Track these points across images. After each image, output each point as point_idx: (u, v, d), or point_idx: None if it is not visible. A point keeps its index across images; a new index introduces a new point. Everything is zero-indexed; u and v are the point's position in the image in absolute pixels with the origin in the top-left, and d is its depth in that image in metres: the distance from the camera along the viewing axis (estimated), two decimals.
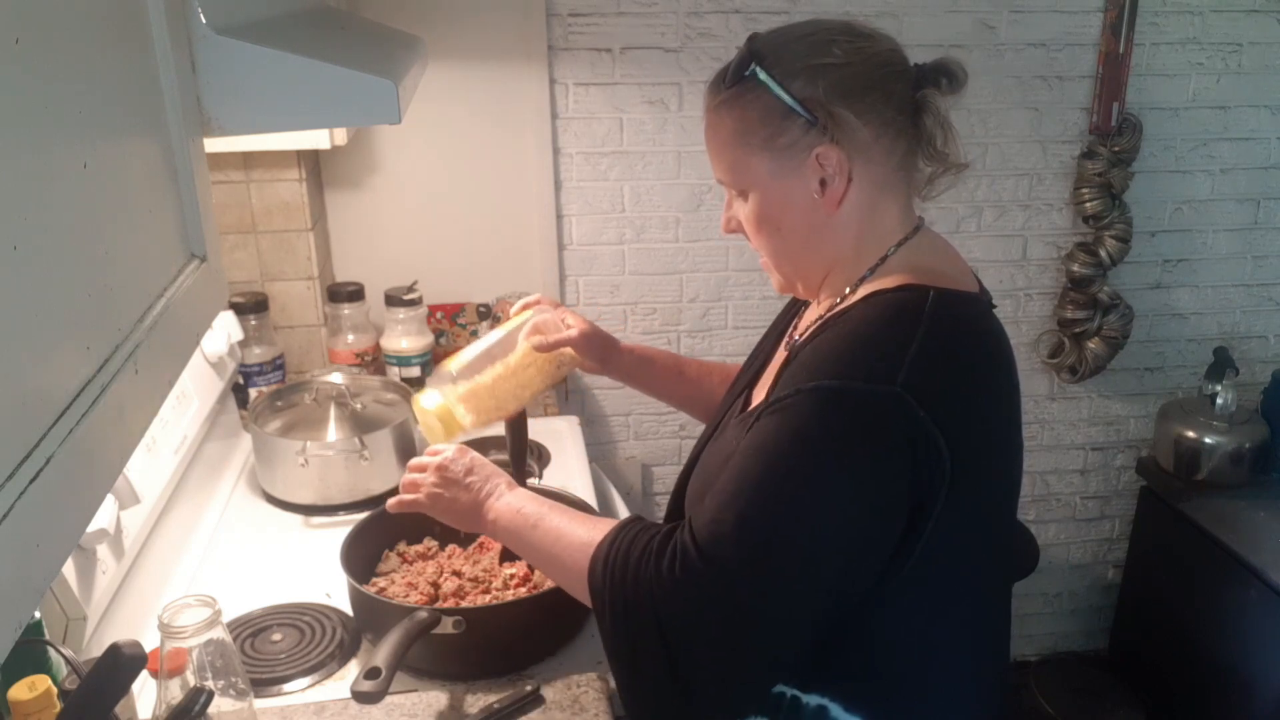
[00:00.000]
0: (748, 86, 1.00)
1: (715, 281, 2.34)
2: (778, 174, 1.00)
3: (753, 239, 1.07)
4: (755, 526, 0.91)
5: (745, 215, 1.05)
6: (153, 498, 1.39)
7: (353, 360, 2.04)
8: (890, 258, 1.03)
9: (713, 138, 1.05)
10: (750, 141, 1.00)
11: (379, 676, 1.08)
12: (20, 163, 0.50)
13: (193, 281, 0.77)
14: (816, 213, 1.01)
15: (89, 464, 0.56)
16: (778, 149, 0.99)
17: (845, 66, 0.99)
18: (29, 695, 0.93)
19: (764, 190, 1.02)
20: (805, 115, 0.98)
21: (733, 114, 1.01)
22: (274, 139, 1.72)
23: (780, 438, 0.92)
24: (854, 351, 0.94)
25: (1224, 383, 2.38)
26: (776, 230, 1.04)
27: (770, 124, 0.99)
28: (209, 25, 0.80)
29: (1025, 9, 2.22)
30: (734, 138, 1.02)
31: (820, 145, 0.98)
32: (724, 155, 1.03)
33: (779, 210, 1.02)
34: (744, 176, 1.03)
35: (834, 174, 0.98)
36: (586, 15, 2.12)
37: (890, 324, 0.95)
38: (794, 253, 1.05)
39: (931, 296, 0.96)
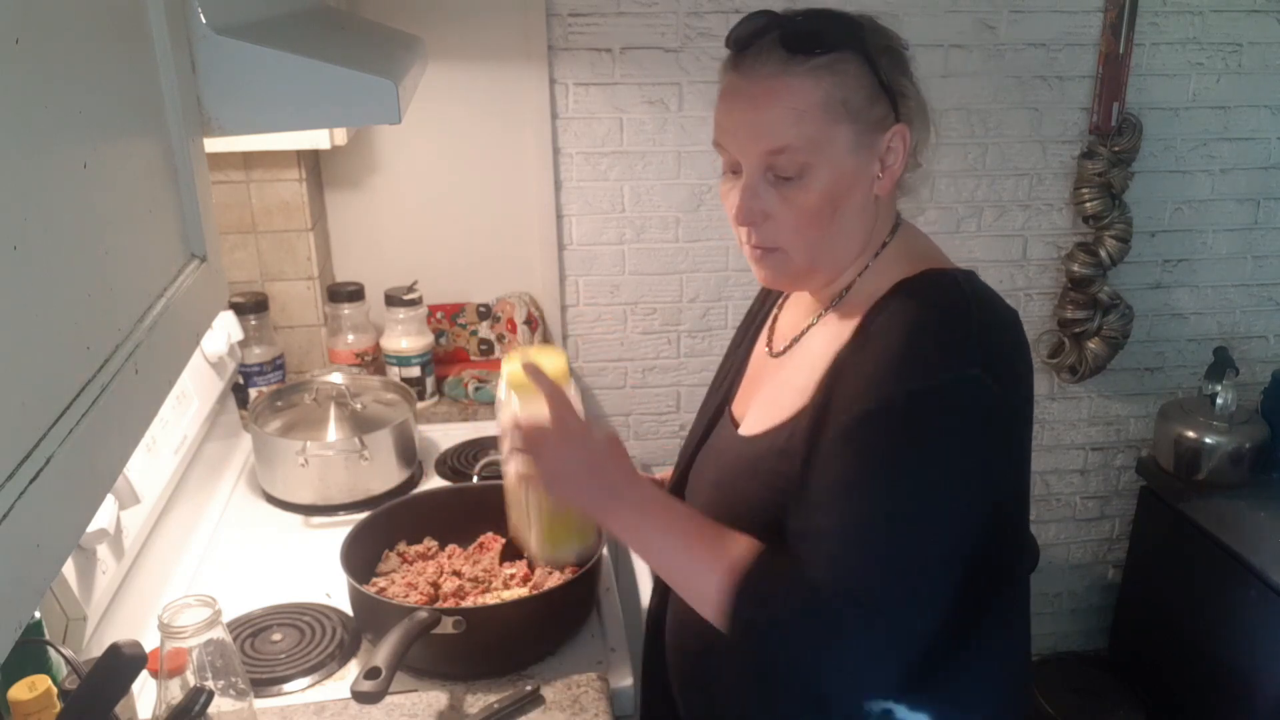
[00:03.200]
0: (843, 56, 0.96)
1: (715, 281, 2.34)
2: (855, 149, 0.97)
3: (795, 226, 0.99)
4: (906, 558, 0.90)
5: (800, 198, 0.97)
6: (153, 498, 1.39)
7: (353, 360, 2.04)
8: (888, 245, 1.04)
9: (789, 105, 0.95)
10: (841, 111, 0.95)
11: (379, 676, 1.08)
12: (20, 163, 0.50)
13: (193, 281, 0.77)
14: (868, 195, 1.00)
15: (89, 464, 0.56)
16: (865, 122, 0.97)
17: (899, 48, 1.01)
18: (29, 695, 0.93)
19: (836, 166, 0.96)
20: (889, 91, 0.97)
21: (827, 80, 0.95)
22: (274, 139, 1.72)
23: (893, 456, 0.91)
24: (924, 345, 0.92)
25: (1224, 383, 2.38)
26: (834, 213, 0.98)
27: (862, 94, 0.96)
28: (209, 25, 0.80)
29: (1025, 9, 2.22)
30: (823, 105, 0.95)
31: (897, 125, 0.98)
32: (802, 124, 0.95)
33: (846, 189, 0.98)
34: (819, 149, 0.96)
35: (897, 156, 0.99)
36: (586, 15, 2.12)
37: (943, 310, 0.94)
38: (835, 239, 1.01)
39: (960, 276, 0.98)
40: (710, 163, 2.24)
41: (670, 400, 2.44)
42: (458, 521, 1.48)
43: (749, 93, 0.97)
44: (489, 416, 2.03)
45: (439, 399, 2.11)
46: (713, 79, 2.40)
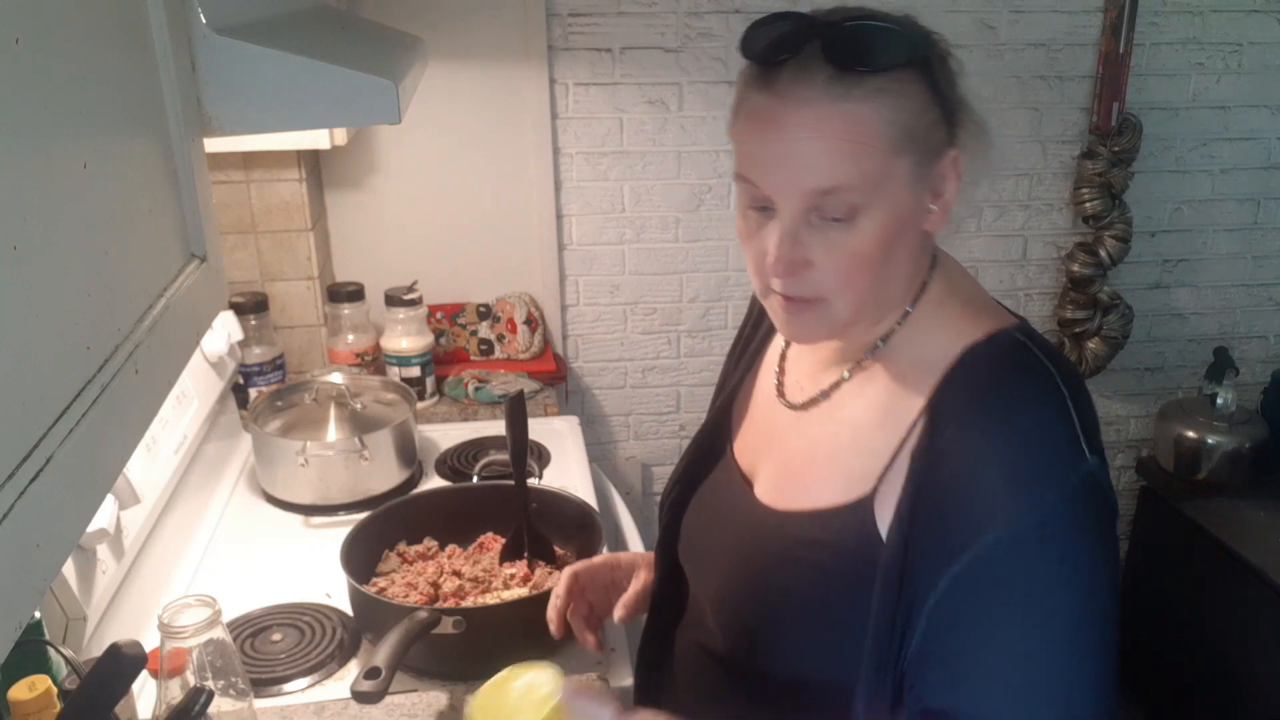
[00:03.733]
0: (903, 74, 0.81)
1: (715, 281, 2.34)
2: (914, 182, 0.82)
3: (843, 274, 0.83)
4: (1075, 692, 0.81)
5: (851, 243, 0.81)
6: (153, 498, 1.39)
7: (353, 360, 2.04)
8: (929, 284, 0.90)
9: (844, 137, 0.79)
10: (903, 141, 0.80)
11: (379, 676, 1.08)
12: (20, 163, 0.50)
13: (193, 281, 0.77)
14: (920, 232, 0.86)
15: (89, 464, 0.56)
16: (925, 150, 0.82)
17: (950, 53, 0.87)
18: (29, 695, 0.93)
19: (894, 204, 0.81)
20: (948, 110, 0.84)
21: (888, 104, 0.79)
22: (274, 139, 1.72)
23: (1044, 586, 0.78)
24: (1036, 449, 0.79)
25: (1224, 383, 2.38)
26: (886, 258, 0.83)
27: (924, 119, 0.81)
28: (209, 25, 0.80)
29: (1025, 9, 2.22)
30: (885, 135, 0.79)
31: (952, 149, 0.84)
32: (860, 160, 0.79)
33: (901, 229, 0.83)
34: (877, 188, 0.80)
35: (951, 185, 0.85)
36: (586, 15, 2.12)
37: (1038, 396, 0.81)
38: (882, 286, 0.85)
39: (1030, 343, 0.85)
40: (710, 163, 2.25)
41: (670, 400, 2.44)
42: (458, 521, 1.48)
43: (789, 121, 0.80)
44: (489, 416, 2.03)
45: (439, 399, 2.11)
46: (713, 79, 2.41)
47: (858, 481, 0.86)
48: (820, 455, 0.92)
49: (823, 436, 0.92)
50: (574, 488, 1.63)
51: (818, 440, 0.93)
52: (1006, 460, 0.78)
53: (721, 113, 2.21)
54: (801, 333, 0.89)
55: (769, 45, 0.81)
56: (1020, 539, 0.77)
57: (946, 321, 0.88)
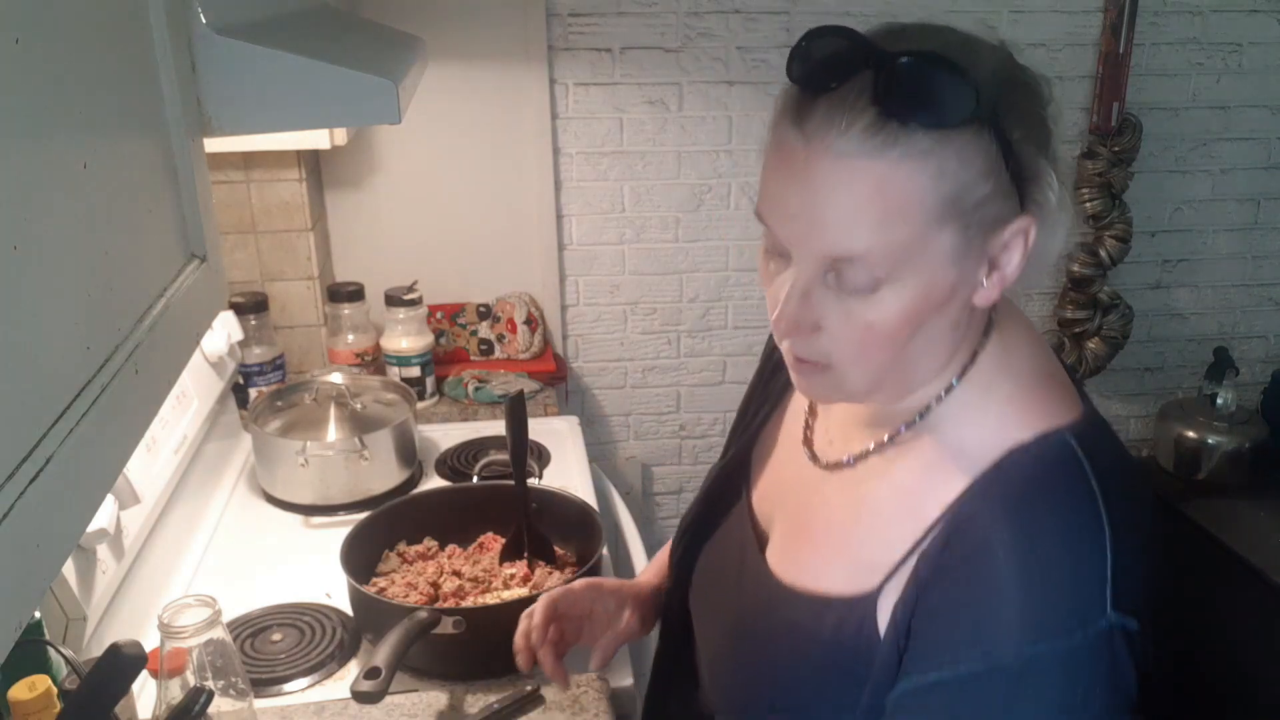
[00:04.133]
0: (963, 132, 0.67)
1: (715, 281, 2.34)
2: (959, 257, 0.70)
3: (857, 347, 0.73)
4: None
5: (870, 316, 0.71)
6: (153, 498, 1.39)
7: (353, 360, 2.04)
8: (981, 355, 0.79)
9: (872, 201, 0.68)
10: (949, 212, 0.68)
11: (379, 676, 1.08)
12: (20, 163, 0.50)
13: (193, 281, 0.77)
14: (965, 306, 0.75)
15: (89, 464, 0.56)
16: (980, 221, 0.70)
17: (1041, 100, 0.74)
18: (29, 695, 0.93)
19: (929, 279, 0.70)
20: (1021, 177, 0.70)
21: (934, 167, 0.67)
22: (274, 139, 1.72)
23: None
24: (1048, 588, 0.70)
25: (1224, 383, 2.38)
26: (913, 334, 0.73)
27: (983, 186, 0.69)
28: (209, 25, 0.80)
29: (1025, 9, 2.23)
30: (925, 203, 0.68)
31: (1020, 218, 0.71)
32: (889, 230, 0.68)
33: (936, 306, 0.72)
34: (908, 261, 0.69)
35: (1015, 257, 0.72)
36: (586, 15, 2.12)
37: (1069, 526, 0.71)
38: (908, 362, 0.76)
39: (1082, 454, 0.73)
40: (710, 163, 2.25)
41: (670, 400, 2.44)
42: (458, 521, 1.48)
43: (814, 170, 0.69)
44: (489, 416, 2.03)
45: (439, 399, 2.11)
46: (713, 79, 2.40)
47: (866, 573, 0.79)
48: (835, 531, 0.84)
49: (842, 510, 0.84)
50: (574, 488, 1.63)
51: (836, 513, 0.85)
52: (1014, 599, 0.69)
53: (721, 113, 2.21)
54: (811, 393, 0.82)
55: (812, 68, 0.70)
56: (986, 680, 0.70)
57: (994, 407, 0.77)
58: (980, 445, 0.76)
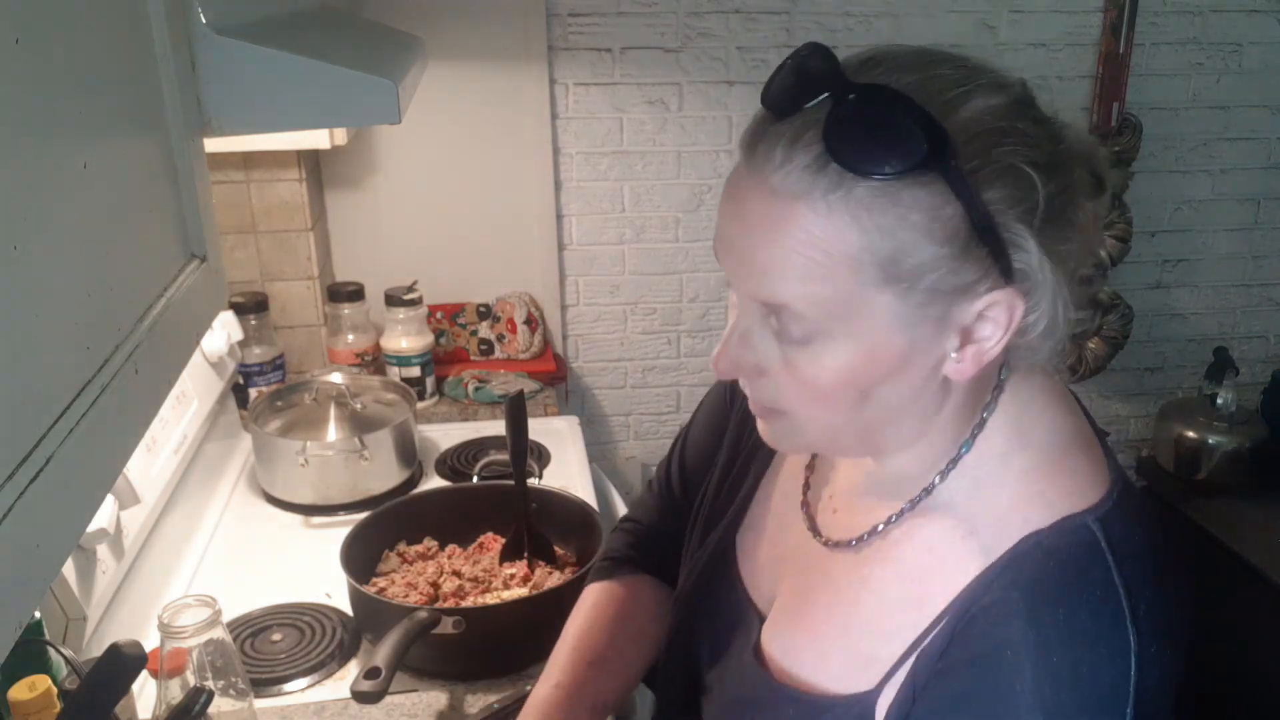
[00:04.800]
0: (906, 188, 0.59)
1: (715, 281, 2.34)
2: (905, 323, 0.63)
3: (800, 399, 0.67)
4: None
5: (808, 370, 0.65)
6: (153, 498, 1.39)
7: (353, 360, 2.04)
8: (988, 421, 0.70)
9: (796, 248, 0.61)
10: (882, 275, 0.61)
11: (379, 676, 1.08)
12: (20, 163, 0.50)
13: (193, 281, 0.77)
14: (932, 377, 0.66)
15: (89, 464, 0.56)
16: (925, 289, 0.61)
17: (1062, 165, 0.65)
18: (29, 695, 0.93)
19: (867, 342, 0.63)
20: (993, 240, 0.61)
21: (873, 222, 0.60)
22: (274, 139, 1.72)
23: None
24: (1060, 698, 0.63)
25: (1224, 383, 2.38)
26: (861, 398, 0.66)
27: (924, 250, 0.60)
28: (209, 25, 0.80)
29: (1025, 9, 2.22)
30: (856, 260, 0.61)
31: (999, 290, 0.62)
32: (811, 282, 0.62)
33: (882, 373, 0.65)
34: (838, 319, 0.63)
35: (995, 331, 0.64)
36: (586, 15, 2.12)
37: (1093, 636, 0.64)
38: (870, 425, 0.69)
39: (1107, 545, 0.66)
40: (710, 163, 2.25)
41: (670, 400, 2.44)
42: (458, 521, 1.48)
43: (749, 206, 0.63)
44: (489, 417, 2.03)
45: (439, 399, 2.11)
46: (713, 79, 2.41)
47: (864, 670, 0.72)
48: (835, 617, 0.76)
49: (845, 593, 0.76)
50: (574, 488, 1.63)
51: (838, 595, 0.77)
52: (1022, 710, 0.63)
53: (721, 113, 2.21)
54: (774, 440, 0.73)
55: (775, 89, 0.65)
56: None
57: (1009, 483, 0.69)
58: (993, 529, 0.68)
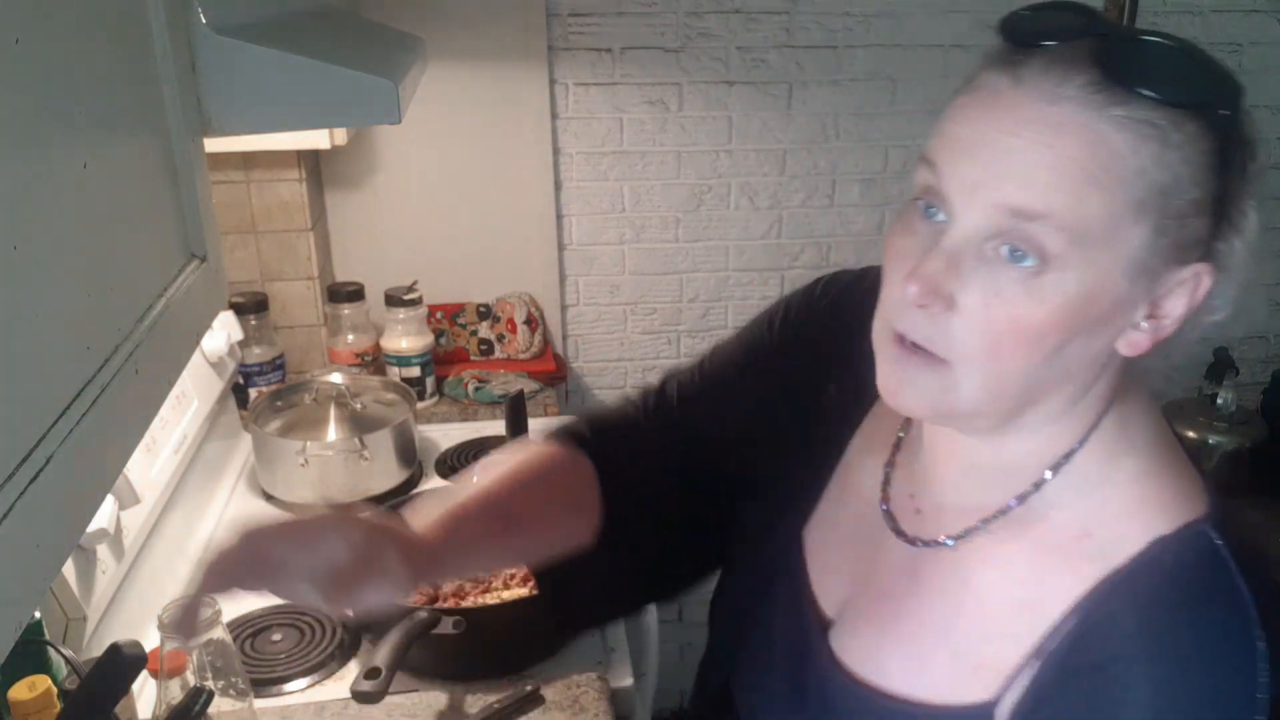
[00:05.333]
0: (1188, 122, 0.61)
1: (715, 281, 2.34)
2: (1137, 268, 0.61)
3: (990, 342, 0.62)
4: None
5: (1022, 303, 0.60)
6: (153, 498, 1.39)
7: (353, 360, 2.04)
8: (1103, 425, 0.69)
9: (1080, 157, 0.59)
10: (1150, 204, 0.60)
11: (379, 676, 1.08)
12: (20, 162, 0.50)
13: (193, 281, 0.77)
14: (1110, 344, 0.65)
15: (89, 464, 0.56)
16: (1169, 239, 0.61)
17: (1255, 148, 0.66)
18: (29, 695, 0.93)
19: (1099, 281, 0.60)
20: (1223, 205, 0.62)
21: (1153, 150, 0.59)
22: (274, 139, 1.72)
23: None
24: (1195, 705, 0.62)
25: (1224, 383, 2.38)
26: (1056, 348, 0.62)
27: (1188, 193, 0.60)
28: (209, 25, 0.80)
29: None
30: (1131, 182, 0.59)
31: (1199, 262, 0.63)
32: (1089, 194, 0.59)
33: (1091, 321, 0.62)
34: (1090, 245, 0.60)
35: (1178, 308, 0.64)
36: (586, 15, 2.12)
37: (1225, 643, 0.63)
38: (1035, 386, 0.65)
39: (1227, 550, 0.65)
40: (710, 163, 2.24)
41: None
42: None
43: (1020, 112, 0.60)
44: (489, 416, 2.03)
45: (439, 399, 2.11)
46: (713, 79, 2.40)
47: (973, 677, 0.68)
48: (932, 624, 0.72)
49: (941, 598, 0.72)
50: None
51: (932, 600, 0.73)
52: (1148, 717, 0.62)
53: (721, 113, 2.21)
54: (906, 398, 0.67)
55: (1033, 26, 0.63)
56: None
57: (1121, 484, 0.68)
58: (1112, 529, 0.67)
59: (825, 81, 2.20)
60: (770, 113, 2.20)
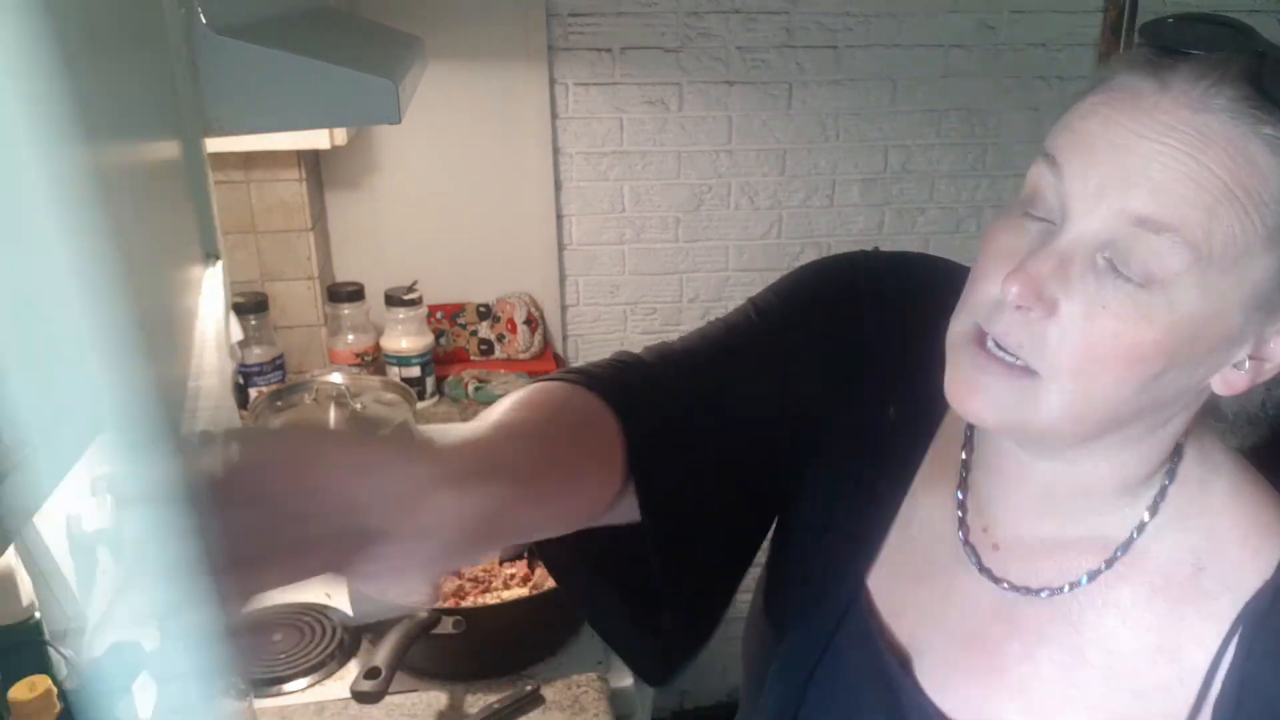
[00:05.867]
0: None
1: (715, 281, 2.34)
2: (1255, 302, 0.58)
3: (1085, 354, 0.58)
4: None
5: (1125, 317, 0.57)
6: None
7: (353, 360, 2.04)
8: (1186, 453, 0.68)
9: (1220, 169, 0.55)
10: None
11: (379, 676, 1.09)
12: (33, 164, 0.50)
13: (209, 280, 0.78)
14: (1203, 377, 0.61)
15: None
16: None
17: None
18: (29, 695, 0.92)
19: (1212, 306, 0.57)
20: None
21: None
22: (274, 139, 1.71)
23: None
24: None
25: None
26: (1154, 373, 0.58)
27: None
28: (209, 26, 0.80)
29: (1025, 9, 2.22)
30: (1268, 206, 0.56)
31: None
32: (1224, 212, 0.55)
33: (1198, 351, 0.58)
34: (1210, 267, 0.56)
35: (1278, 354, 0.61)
36: (586, 15, 2.12)
37: None
38: (1123, 408, 0.60)
39: None
40: (710, 162, 2.24)
41: None
42: None
43: (1160, 116, 0.56)
44: None
45: (439, 399, 2.11)
46: (713, 79, 2.40)
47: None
48: (1049, 672, 0.67)
49: (1052, 643, 0.67)
50: None
51: (1042, 646, 0.68)
52: None
53: (721, 113, 2.21)
54: (975, 396, 0.61)
55: (1182, 35, 0.58)
56: None
57: (1219, 514, 0.66)
58: (1228, 563, 0.64)
59: (825, 81, 2.20)
60: (770, 113, 2.20)
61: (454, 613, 1.21)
